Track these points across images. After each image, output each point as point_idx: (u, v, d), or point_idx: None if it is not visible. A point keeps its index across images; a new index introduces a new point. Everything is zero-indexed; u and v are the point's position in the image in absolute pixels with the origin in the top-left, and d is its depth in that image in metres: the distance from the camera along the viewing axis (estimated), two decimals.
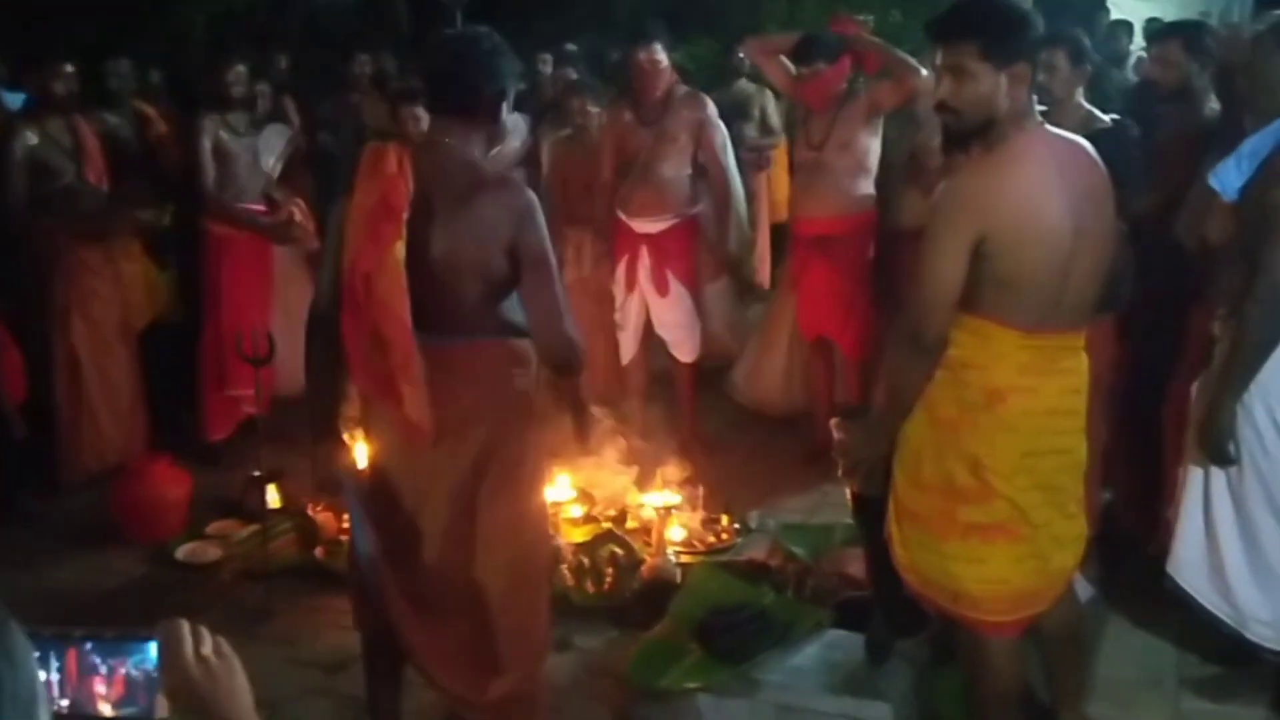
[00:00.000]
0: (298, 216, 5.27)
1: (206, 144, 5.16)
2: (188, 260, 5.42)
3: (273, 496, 4.44)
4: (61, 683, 1.26)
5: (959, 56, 2.54)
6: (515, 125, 5.75)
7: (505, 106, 2.71)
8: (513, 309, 2.73)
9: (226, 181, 5.24)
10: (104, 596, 4.15)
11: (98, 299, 5.10)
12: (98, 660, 1.27)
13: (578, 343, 2.67)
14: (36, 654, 1.25)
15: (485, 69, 2.63)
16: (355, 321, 2.63)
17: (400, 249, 2.54)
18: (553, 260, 2.66)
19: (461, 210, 2.59)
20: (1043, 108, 2.71)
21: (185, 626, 1.34)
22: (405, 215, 2.56)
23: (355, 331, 2.64)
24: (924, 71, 4.57)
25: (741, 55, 7.30)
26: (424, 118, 5.30)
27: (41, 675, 1.25)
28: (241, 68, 5.30)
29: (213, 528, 4.57)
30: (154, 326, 5.41)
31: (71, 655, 1.27)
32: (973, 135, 2.60)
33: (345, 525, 4.35)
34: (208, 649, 1.34)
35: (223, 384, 5.24)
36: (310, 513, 4.40)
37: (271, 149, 5.46)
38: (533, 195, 2.67)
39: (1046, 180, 2.49)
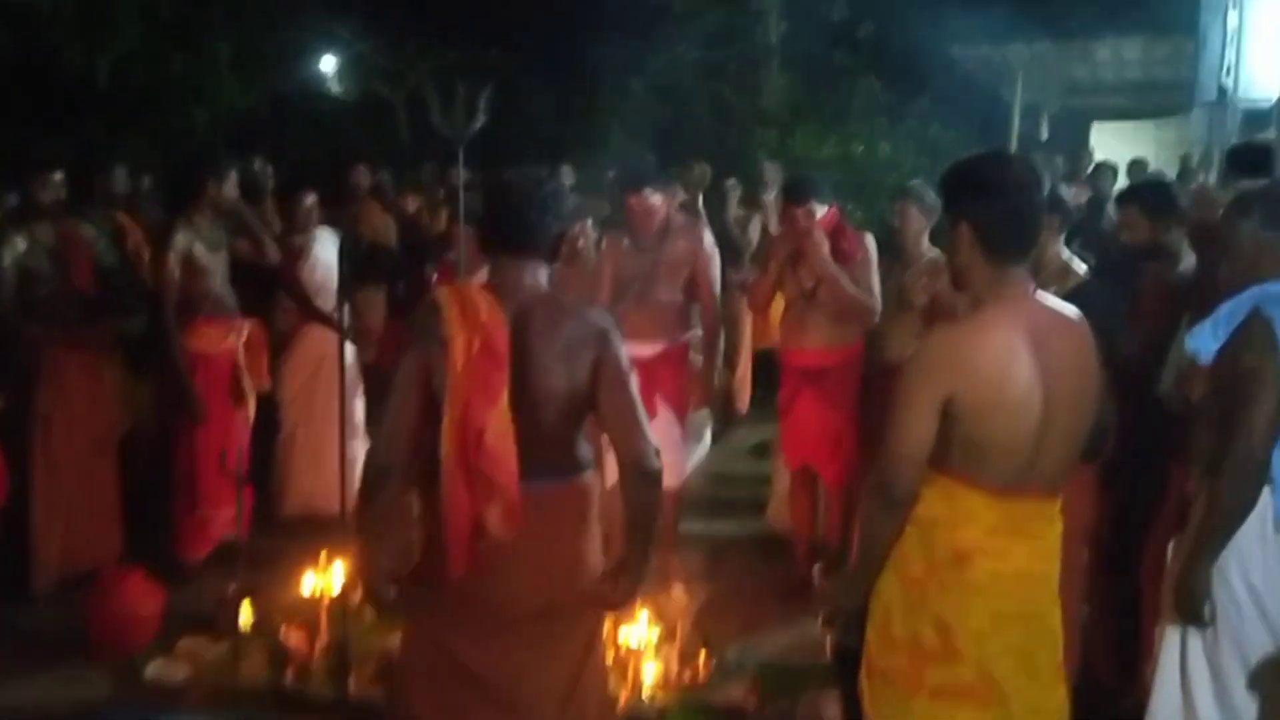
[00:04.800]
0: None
1: (173, 261, 4.97)
2: (163, 372, 5.22)
3: (245, 615, 4.38)
4: None
5: (949, 219, 2.67)
6: None
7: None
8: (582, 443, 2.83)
9: (199, 298, 5.07)
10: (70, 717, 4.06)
11: (80, 405, 5.09)
12: None
13: (658, 451, 2.72)
14: None
15: (552, 210, 2.78)
16: (466, 476, 2.62)
17: (506, 396, 2.60)
18: (633, 379, 2.74)
19: (550, 340, 2.69)
20: None
21: None
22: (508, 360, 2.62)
23: (466, 486, 2.63)
24: (876, 311, 4.85)
25: (730, 185, 7.44)
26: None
27: None
28: (234, 175, 5.20)
29: (182, 645, 4.46)
30: (131, 436, 5.38)
31: None
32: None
33: (317, 647, 4.32)
34: None
35: (199, 503, 5.16)
36: (282, 634, 4.34)
37: (331, 254, 5.34)
38: (612, 321, 2.79)
39: (1017, 350, 2.51)
